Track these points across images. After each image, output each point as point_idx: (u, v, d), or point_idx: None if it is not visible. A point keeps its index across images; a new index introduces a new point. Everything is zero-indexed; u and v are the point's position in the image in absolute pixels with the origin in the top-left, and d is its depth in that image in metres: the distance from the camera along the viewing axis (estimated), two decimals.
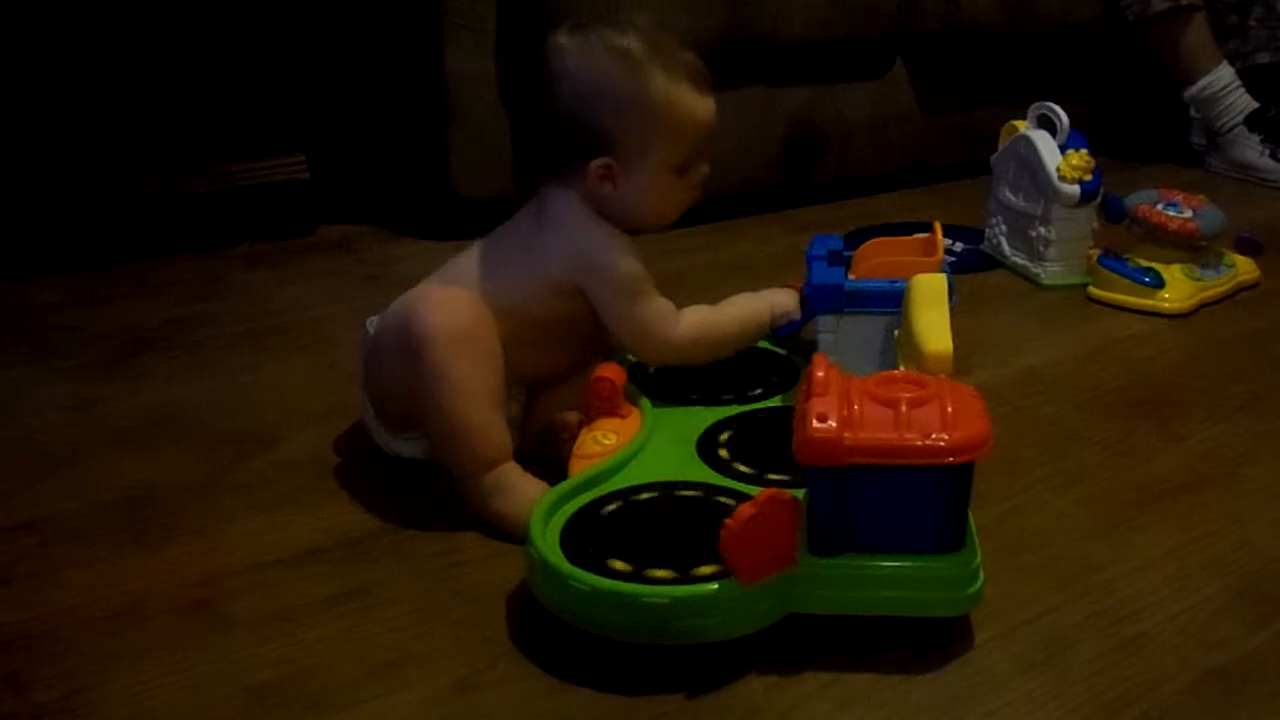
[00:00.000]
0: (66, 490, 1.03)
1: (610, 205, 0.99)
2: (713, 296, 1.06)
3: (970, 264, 1.64)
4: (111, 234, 1.67)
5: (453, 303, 0.95)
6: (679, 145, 0.97)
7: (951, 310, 0.93)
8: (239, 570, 0.90)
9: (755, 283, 1.11)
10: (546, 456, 1.00)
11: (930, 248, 1.10)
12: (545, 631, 0.81)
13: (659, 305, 1.01)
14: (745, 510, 0.74)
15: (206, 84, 1.69)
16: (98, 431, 1.14)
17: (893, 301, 1.02)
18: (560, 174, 1.00)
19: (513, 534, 0.91)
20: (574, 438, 0.98)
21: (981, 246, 1.69)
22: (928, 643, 0.80)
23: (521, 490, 0.94)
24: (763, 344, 1.14)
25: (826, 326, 1.06)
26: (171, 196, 1.68)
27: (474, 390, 0.94)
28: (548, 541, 0.81)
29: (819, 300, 1.05)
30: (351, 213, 1.88)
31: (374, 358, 1.01)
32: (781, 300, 1.09)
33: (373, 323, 1.03)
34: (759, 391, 1.07)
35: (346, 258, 1.71)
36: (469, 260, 1.03)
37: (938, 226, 1.11)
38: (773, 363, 1.12)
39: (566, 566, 0.78)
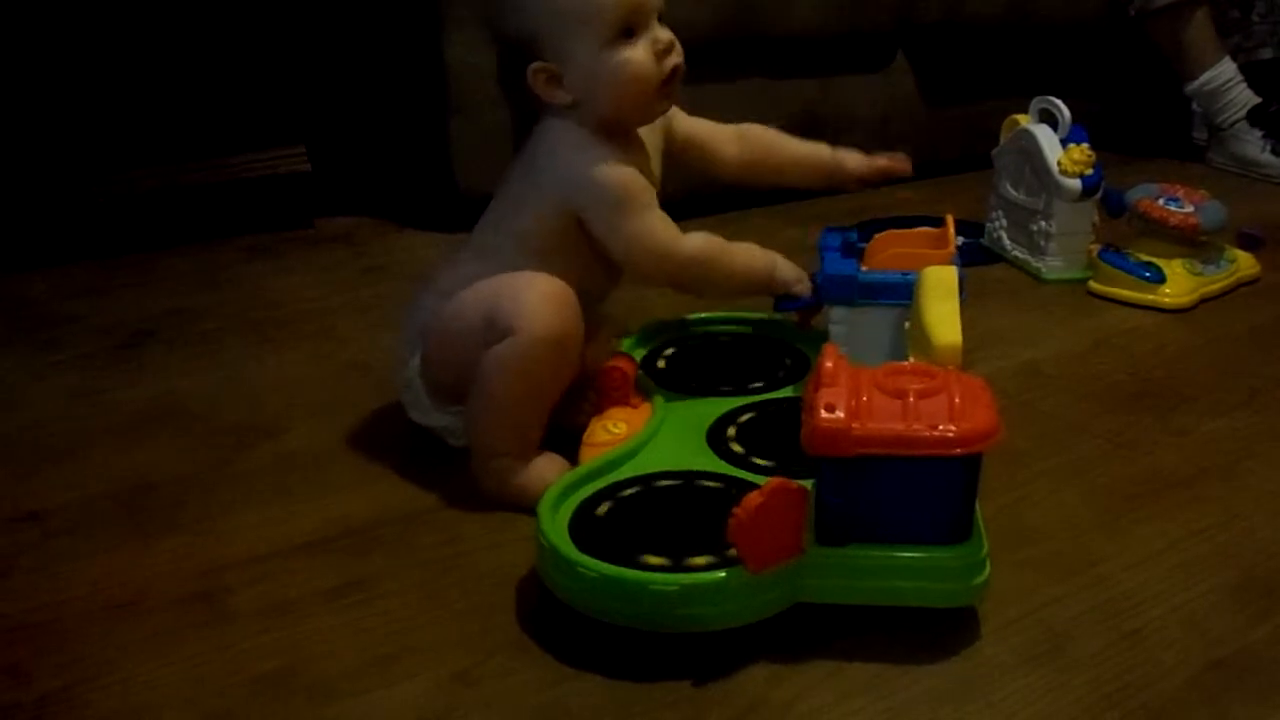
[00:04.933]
0: (68, 482, 1.03)
1: (585, 114, 0.97)
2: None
3: (971, 258, 1.64)
4: (112, 226, 1.67)
5: (558, 300, 0.93)
6: (598, 18, 0.93)
7: (962, 303, 0.93)
8: (240, 561, 0.90)
9: None
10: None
11: (942, 241, 1.10)
12: (548, 622, 0.81)
13: (657, 217, 0.99)
14: (753, 499, 0.74)
15: (207, 75, 1.69)
16: (99, 423, 1.15)
17: (904, 294, 1.01)
18: (540, 105, 1.00)
19: (532, 506, 0.91)
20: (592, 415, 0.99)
21: (982, 240, 1.69)
22: (929, 634, 0.80)
23: (545, 468, 0.96)
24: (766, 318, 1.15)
25: (839, 317, 1.06)
26: (172, 188, 1.68)
27: (548, 390, 0.96)
28: (556, 528, 0.82)
29: (831, 290, 1.05)
30: (352, 205, 1.88)
31: (440, 330, 0.99)
32: (784, 269, 1.06)
33: (430, 295, 1.01)
34: (769, 382, 1.07)
35: (347, 250, 1.71)
36: (487, 229, 1.03)
37: (950, 220, 1.11)
38: (784, 353, 1.12)
39: (575, 554, 0.78)
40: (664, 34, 0.96)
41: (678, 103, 1.04)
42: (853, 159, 1.15)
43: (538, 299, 0.93)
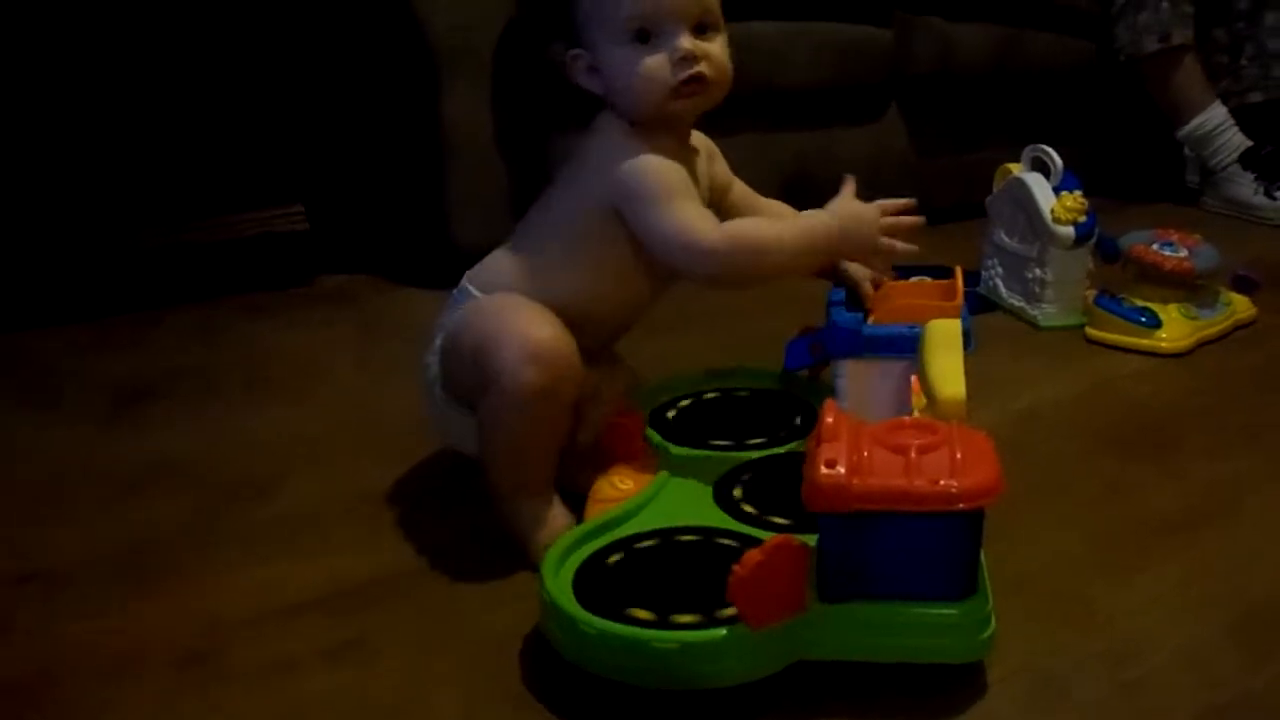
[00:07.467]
0: (65, 540, 1.03)
1: (619, 108, 0.99)
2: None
3: (967, 306, 1.64)
4: (111, 284, 1.68)
5: (540, 358, 0.91)
6: (614, 18, 0.95)
7: (969, 354, 0.93)
8: (238, 621, 0.90)
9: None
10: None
11: (951, 292, 1.10)
12: (549, 679, 0.81)
13: (694, 209, 0.96)
14: (754, 556, 0.73)
15: (206, 135, 1.71)
16: (97, 481, 1.14)
17: (909, 347, 1.01)
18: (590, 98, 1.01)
19: (530, 559, 0.93)
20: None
21: (978, 289, 1.70)
22: (928, 686, 0.80)
23: (551, 523, 0.95)
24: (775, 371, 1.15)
25: (844, 371, 1.06)
26: (171, 247, 1.70)
27: (540, 438, 0.96)
28: (559, 584, 0.81)
29: (837, 344, 1.05)
30: (350, 263, 1.90)
31: (454, 334, 0.99)
32: (857, 230, 1.00)
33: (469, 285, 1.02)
34: (777, 438, 1.06)
35: (346, 308, 1.72)
36: (519, 256, 1.02)
37: (959, 271, 1.12)
38: (794, 409, 1.12)
39: (577, 610, 0.78)
40: (686, 44, 0.95)
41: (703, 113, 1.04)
42: (856, 269, 1.13)
43: (517, 356, 0.90)
